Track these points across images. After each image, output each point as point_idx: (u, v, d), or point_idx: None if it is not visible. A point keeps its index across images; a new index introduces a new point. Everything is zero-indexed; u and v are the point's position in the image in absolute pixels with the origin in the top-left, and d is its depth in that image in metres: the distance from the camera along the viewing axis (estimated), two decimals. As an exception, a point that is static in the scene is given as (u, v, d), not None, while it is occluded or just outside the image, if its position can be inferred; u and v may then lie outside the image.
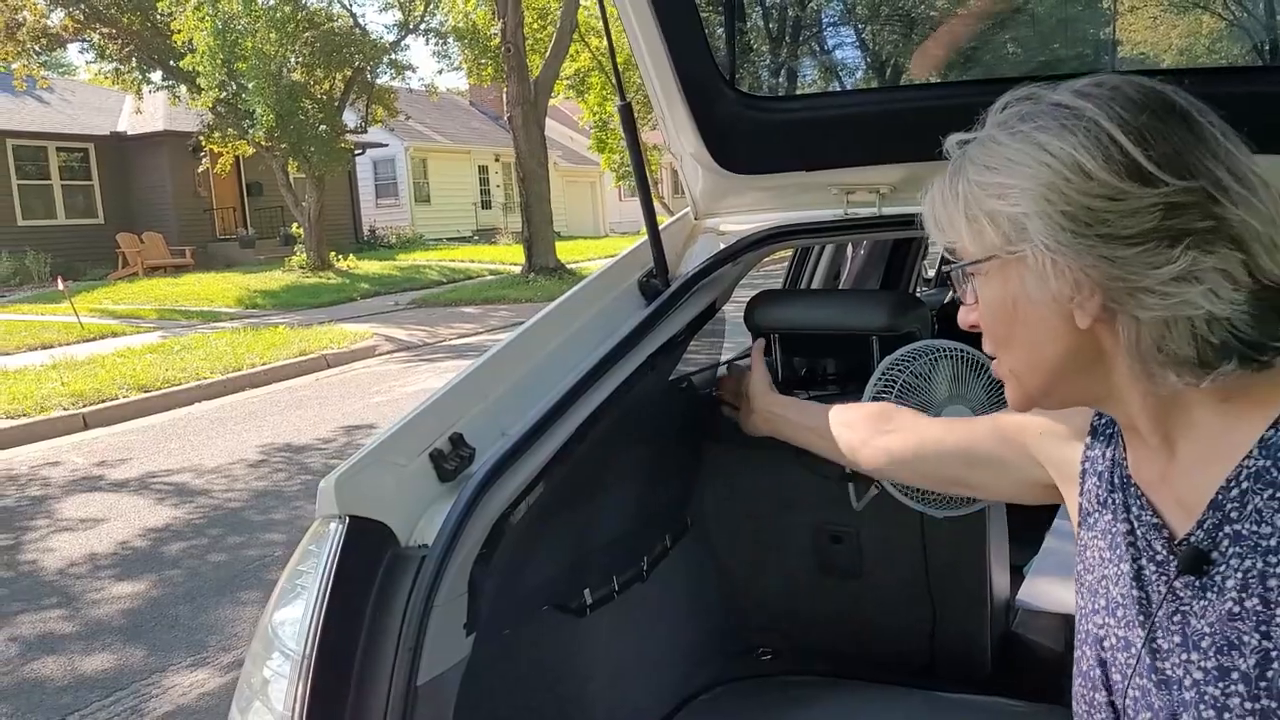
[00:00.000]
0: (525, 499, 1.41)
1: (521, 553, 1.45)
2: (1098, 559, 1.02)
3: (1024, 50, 1.91)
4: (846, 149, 1.82)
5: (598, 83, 22.59)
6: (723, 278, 1.91)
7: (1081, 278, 0.86)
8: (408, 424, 1.40)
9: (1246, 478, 0.87)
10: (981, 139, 0.93)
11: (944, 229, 0.96)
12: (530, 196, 18.48)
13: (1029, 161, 0.87)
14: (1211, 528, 0.89)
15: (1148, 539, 0.95)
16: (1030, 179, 0.87)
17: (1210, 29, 2.06)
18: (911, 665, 2.07)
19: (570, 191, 34.75)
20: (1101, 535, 1.02)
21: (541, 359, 1.64)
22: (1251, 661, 0.84)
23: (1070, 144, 0.86)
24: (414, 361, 11.60)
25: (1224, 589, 0.87)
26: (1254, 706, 0.84)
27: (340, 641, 1.25)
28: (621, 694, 1.83)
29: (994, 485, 1.35)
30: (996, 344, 0.96)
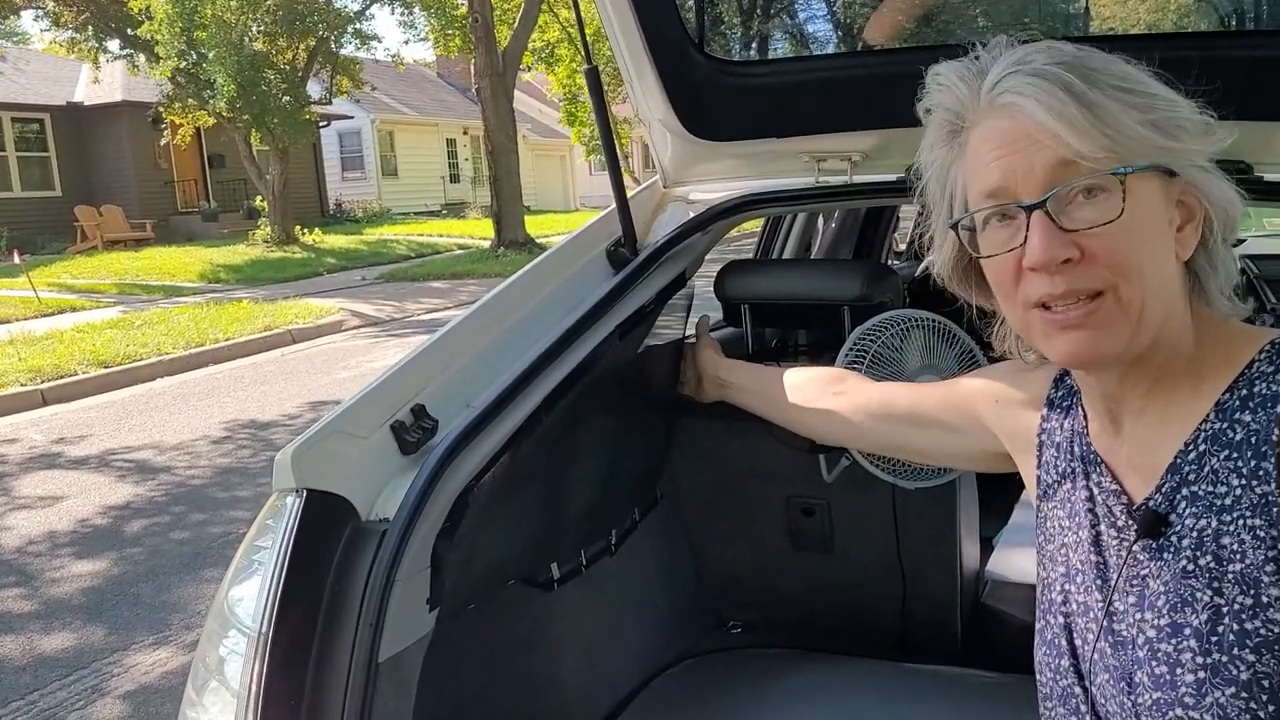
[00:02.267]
0: (490, 472, 1.38)
1: (486, 527, 1.42)
2: (1058, 528, 1.03)
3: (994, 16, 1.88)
4: (818, 115, 1.79)
5: (567, 55, 22.38)
6: (692, 247, 1.87)
7: (1186, 196, 0.90)
8: (368, 395, 1.36)
9: (1204, 440, 0.89)
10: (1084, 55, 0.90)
11: (1078, 138, 0.86)
12: (499, 170, 18.32)
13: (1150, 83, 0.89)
14: (1169, 491, 0.91)
15: (1108, 505, 0.97)
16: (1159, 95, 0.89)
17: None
18: (883, 638, 2.06)
19: (540, 165, 34.50)
20: (1061, 505, 1.03)
21: (507, 329, 1.60)
22: (1204, 617, 0.86)
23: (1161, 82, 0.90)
24: (381, 337, 11.49)
25: (1179, 549, 0.89)
26: (1205, 661, 0.86)
27: (298, 618, 1.22)
28: (592, 668, 1.81)
29: (941, 450, 1.36)
30: (1117, 269, 0.87)
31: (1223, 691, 0.84)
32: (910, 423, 1.37)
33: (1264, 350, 0.90)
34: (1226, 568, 0.86)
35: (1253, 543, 0.85)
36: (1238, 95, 1.52)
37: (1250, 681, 0.83)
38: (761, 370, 1.71)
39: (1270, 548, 0.83)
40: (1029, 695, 2.03)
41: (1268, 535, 0.84)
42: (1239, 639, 0.84)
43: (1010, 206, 0.89)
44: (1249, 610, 0.84)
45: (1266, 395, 0.87)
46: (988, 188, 0.91)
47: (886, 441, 1.47)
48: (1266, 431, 0.86)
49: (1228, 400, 0.89)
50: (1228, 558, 0.86)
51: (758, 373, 1.70)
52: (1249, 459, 0.86)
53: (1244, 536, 0.85)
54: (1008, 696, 1.95)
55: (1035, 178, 0.87)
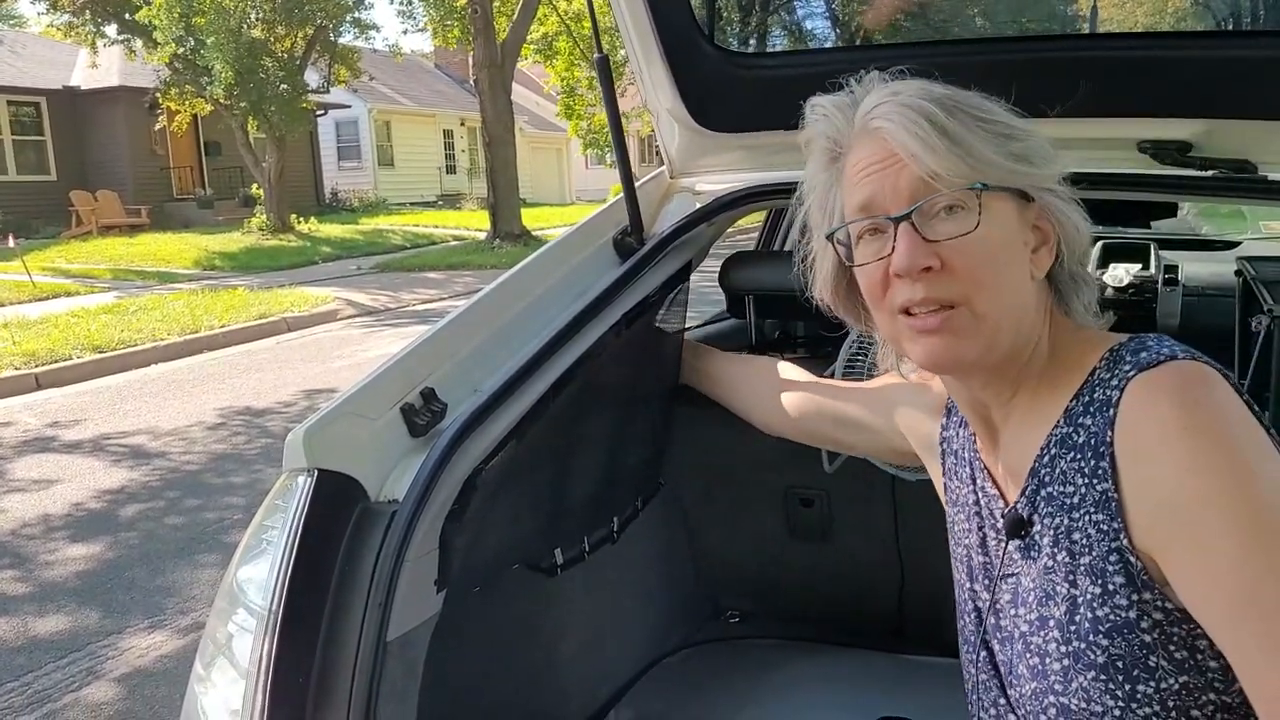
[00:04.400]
0: (498, 456, 1.39)
1: (492, 510, 1.43)
2: (961, 531, 1.11)
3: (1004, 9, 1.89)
4: (827, 108, 1.79)
5: (565, 47, 22.35)
6: (698, 237, 1.88)
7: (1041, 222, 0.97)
8: (378, 378, 1.37)
9: (1054, 444, 0.96)
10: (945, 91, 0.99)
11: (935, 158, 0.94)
12: (496, 162, 18.28)
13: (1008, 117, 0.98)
14: (1031, 493, 0.98)
15: (989, 508, 1.05)
16: (1015, 127, 0.97)
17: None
18: (880, 628, 2.08)
19: (536, 158, 34.47)
20: (961, 509, 1.11)
21: (514, 315, 1.61)
22: (1063, 609, 0.93)
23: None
24: (376, 327, 11.48)
25: (1041, 546, 0.96)
26: (1067, 649, 0.92)
27: (307, 597, 1.23)
28: (591, 655, 1.82)
29: (862, 446, 1.48)
30: (979, 283, 0.94)
31: (1085, 676, 0.91)
32: (835, 421, 1.47)
33: (1103, 357, 0.96)
34: (1079, 560, 0.92)
35: (1097, 536, 0.91)
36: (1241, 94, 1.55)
37: (1106, 664, 0.90)
38: (728, 359, 1.78)
39: (1113, 539, 0.90)
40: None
41: (1109, 528, 0.90)
42: (1093, 626, 0.90)
43: (880, 219, 0.96)
44: (1099, 598, 0.91)
45: (1102, 400, 0.93)
46: (860, 202, 0.98)
47: (814, 436, 1.56)
48: (1102, 433, 0.92)
49: (1074, 406, 0.95)
50: (1079, 551, 0.92)
51: (721, 363, 1.77)
52: (1089, 459, 0.92)
53: (1090, 531, 0.92)
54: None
55: (900, 193, 0.95)
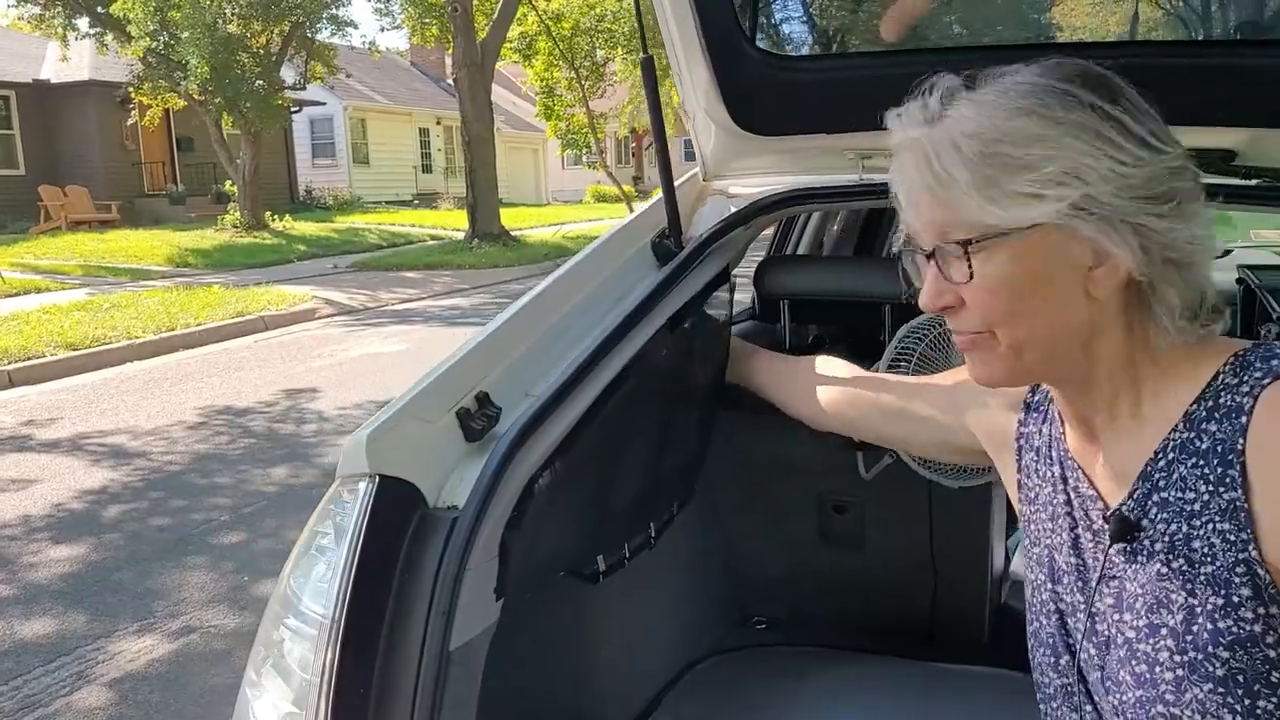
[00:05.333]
0: (555, 462, 1.37)
1: (546, 517, 1.41)
2: (1042, 531, 1.08)
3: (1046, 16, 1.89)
4: (866, 112, 1.78)
5: (544, 47, 22.30)
6: (735, 241, 1.87)
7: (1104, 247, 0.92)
8: (435, 381, 1.35)
9: (1173, 449, 0.94)
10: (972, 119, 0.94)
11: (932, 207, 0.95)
12: (475, 161, 18.21)
13: (1059, 135, 0.91)
14: (1141, 497, 0.96)
15: (1084, 509, 1.02)
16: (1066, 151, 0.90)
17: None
18: (910, 636, 2.07)
19: (512, 158, 34.36)
20: (1043, 508, 1.09)
21: (560, 319, 1.60)
22: (1179, 618, 0.91)
23: (1088, 119, 0.91)
24: (356, 326, 11.39)
25: (1153, 552, 0.94)
26: (1182, 659, 0.90)
27: (369, 605, 1.21)
28: (628, 663, 1.81)
29: (920, 441, 1.45)
30: (997, 319, 0.95)
31: (1201, 688, 0.89)
32: (894, 414, 1.44)
33: (1227, 362, 0.94)
34: (1199, 570, 0.90)
35: (1222, 546, 0.89)
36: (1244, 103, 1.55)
37: (1226, 677, 0.88)
38: (777, 356, 1.77)
39: (1240, 550, 0.88)
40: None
41: (1237, 539, 0.88)
42: (1213, 638, 0.88)
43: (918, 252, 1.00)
44: (1221, 610, 0.88)
45: (1231, 406, 0.91)
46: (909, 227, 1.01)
47: (870, 431, 1.54)
48: (1232, 441, 0.90)
49: (1195, 411, 0.93)
50: (1199, 560, 0.90)
51: (773, 359, 1.76)
52: (1215, 466, 0.91)
53: (1213, 540, 0.90)
54: (1029, 695, 1.97)
55: (927, 229, 0.97)
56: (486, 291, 14.30)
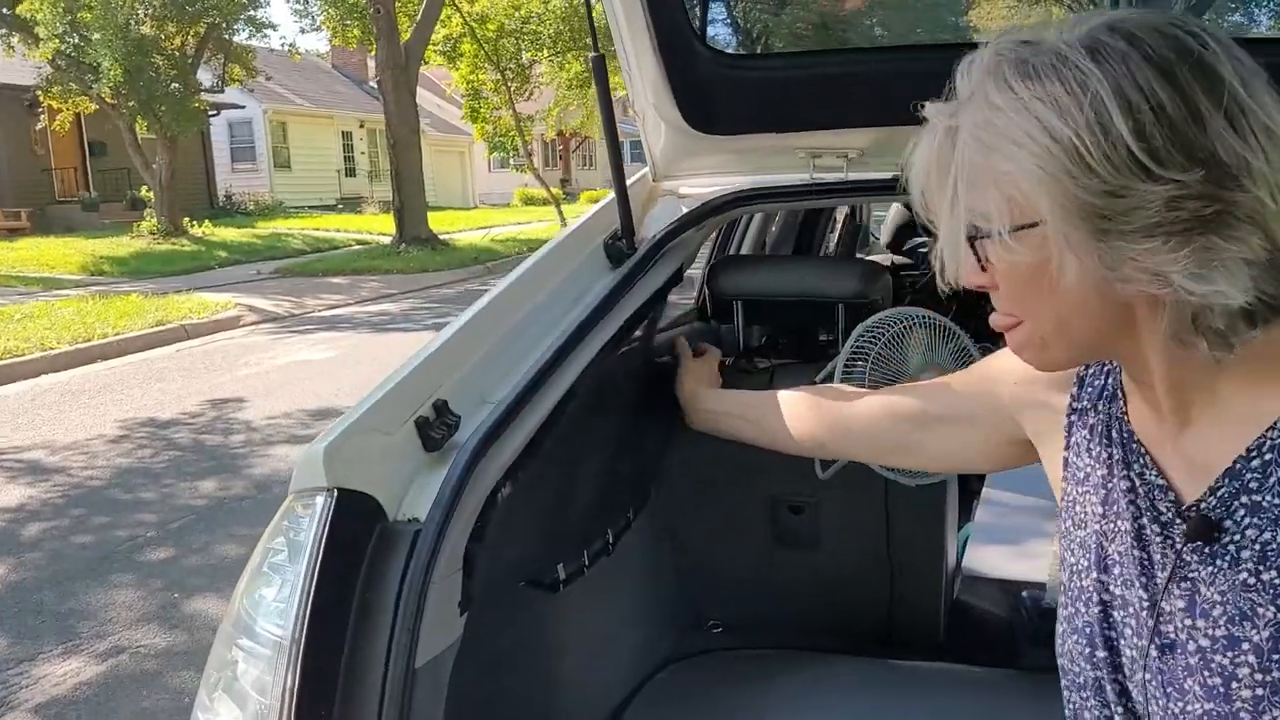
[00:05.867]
0: (517, 470, 1.34)
1: (507, 527, 1.38)
2: (1091, 514, 0.99)
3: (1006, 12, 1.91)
4: (817, 111, 1.78)
5: (469, 50, 22.12)
6: (688, 241, 1.86)
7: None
8: (392, 390, 1.31)
9: (1270, 450, 0.85)
10: (974, 100, 0.83)
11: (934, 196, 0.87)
12: (401, 164, 17.98)
13: (1028, 143, 0.79)
14: (1227, 496, 0.86)
15: (1150, 498, 0.93)
16: (1031, 165, 0.79)
17: None
18: (867, 635, 2.08)
19: (439, 161, 34.01)
20: (1094, 490, 0.99)
21: (515, 324, 1.56)
22: (1265, 634, 0.83)
23: (1073, 127, 0.78)
24: (281, 333, 11.15)
25: (1238, 559, 0.85)
26: (1264, 678, 0.83)
27: (330, 624, 1.16)
28: (589, 670, 1.77)
29: (955, 449, 1.27)
30: (1021, 310, 0.88)
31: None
32: (923, 422, 1.28)
33: None
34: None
35: None
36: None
37: None
38: (751, 395, 1.66)
39: None
40: (1008, 688, 2.09)
41: None
42: None
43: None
44: None
45: None
46: None
47: (897, 447, 1.37)
48: None
49: None
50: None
51: (745, 402, 1.66)
52: None
53: None
54: (989, 690, 1.99)
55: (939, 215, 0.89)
56: (415, 296, 14.12)
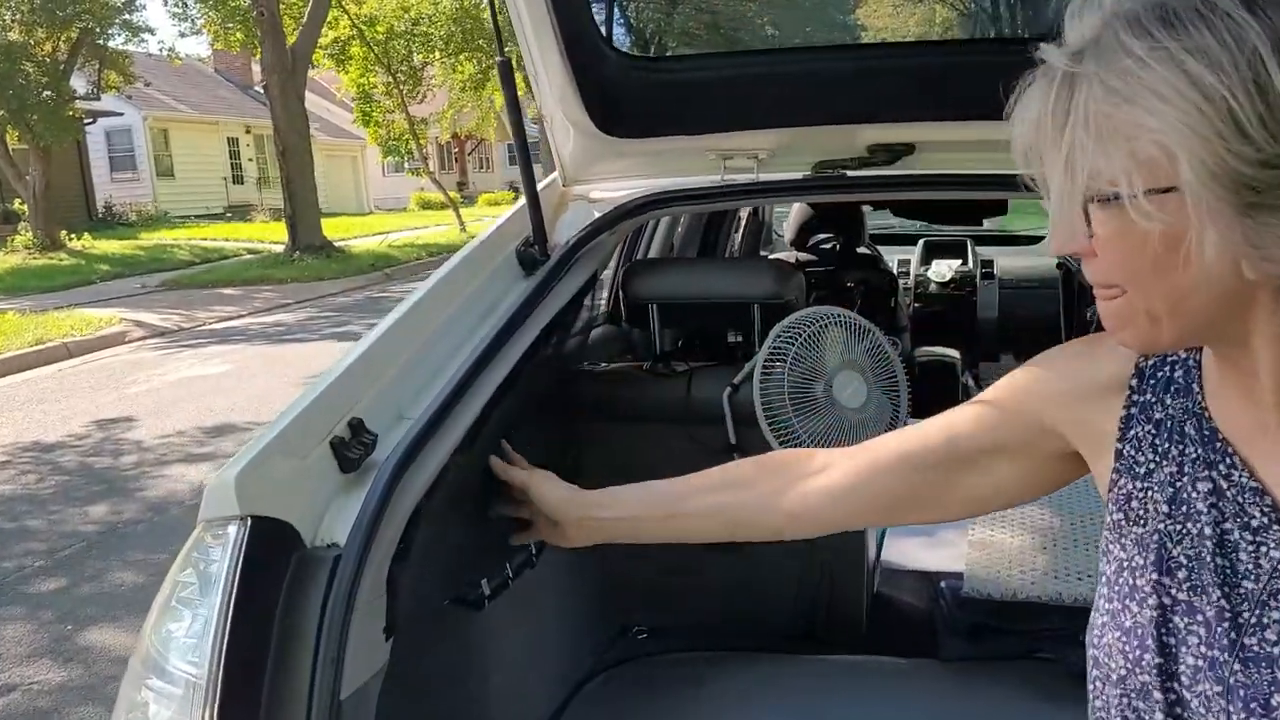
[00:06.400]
0: (439, 487, 1.30)
1: (431, 545, 1.34)
2: (1152, 513, 0.91)
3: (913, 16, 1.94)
4: (726, 113, 1.79)
5: (359, 53, 21.69)
6: (602, 246, 1.84)
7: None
8: (303, 411, 1.25)
9: None
10: (1103, 45, 0.75)
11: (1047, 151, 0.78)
12: (292, 171, 17.50)
13: (1175, 99, 0.72)
14: None
15: (1240, 503, 0.86)
16: (1178, 122, 0.72)
17: None
18: (792, 633, 2.09)
19: (331, 166, 33.25)
20: (1158, 488, 0.91)
21: (429, 336, 1.52)
22: None
23: (1226, 85, 0.70)
24: (172, 348, 10.75)
25: None
26: None
27: (248, 659, 1.10)
28: (518, 686, 1.74)
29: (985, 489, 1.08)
30: (1131, 281, 0.80)
31: None
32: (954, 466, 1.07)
33: None
34: None
35: None
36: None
37: None
38: (651, 489, 1.33)
39: None
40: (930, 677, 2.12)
41: None
42: None
43: None
44: None
45: None
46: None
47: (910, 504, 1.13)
48: None
49: None
50: None
51: (651, 494, 1.32)
52: None
53: None
54: (912, 680, 2.02)
55: (1050, 170, 0.81)
56: (312, 305, 13.77)
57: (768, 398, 1.78)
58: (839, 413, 1.78)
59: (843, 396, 1.77)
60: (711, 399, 1.92)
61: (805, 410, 1.77)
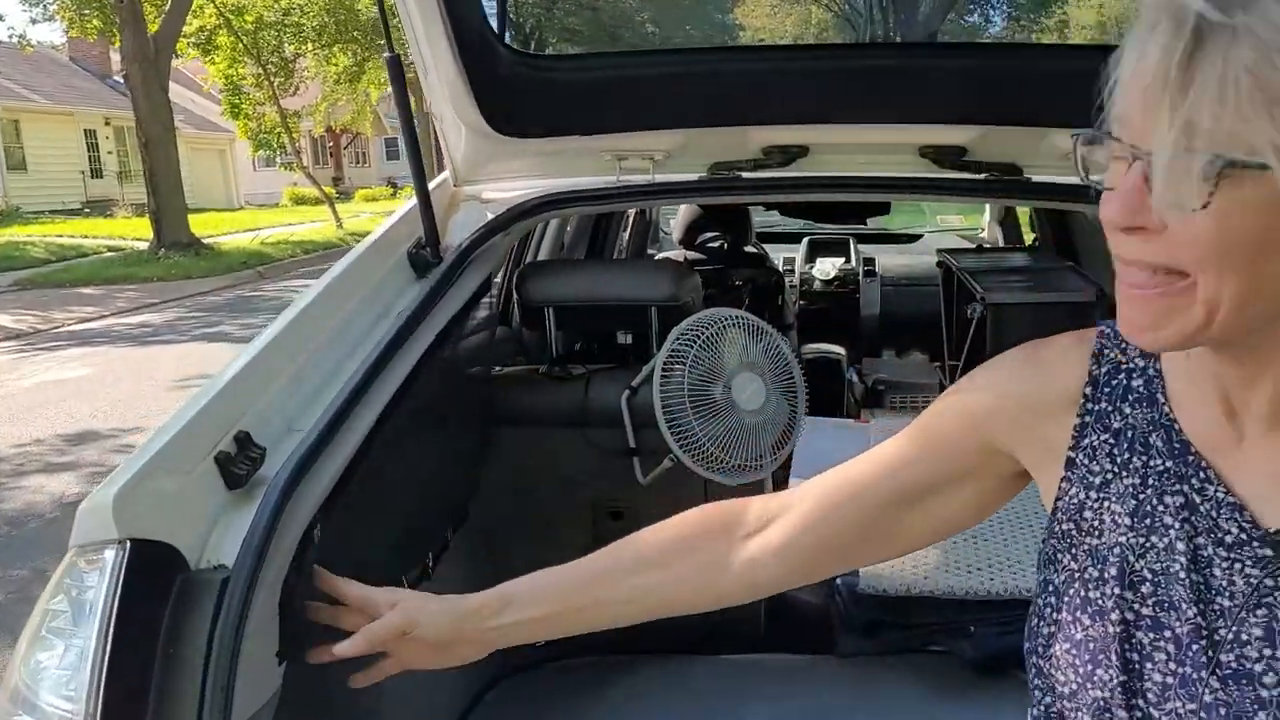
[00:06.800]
0: (333, 502, 1.25)
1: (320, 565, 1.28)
2: (1111, 524, 0.88)
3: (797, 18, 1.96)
4: (622, 113, 1.77)
5: (227, 42, 20.90)
6: (495, 248, 1.80)
7: None
8: (186, 425, 1.18)
9: None
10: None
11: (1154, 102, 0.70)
12: (156, 164, 16.75)
13: None
14: None
15: (1214, 518, 0.83)
16: None
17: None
18: (691, 633, 2.08)
19: (197, 160, 31.96)
20: (1117, 500, 0.88)
21: (318, 343, 1.46)
22: None
23: None
24: (26, 351, 10.16)
25: None
26: None
27: (128, 692, 1.04)
28: (416, 703, 1.69)
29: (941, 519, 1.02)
30: (1209, 264, 0.73)
31: None
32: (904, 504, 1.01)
33: None
34: None
35: None
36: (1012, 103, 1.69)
37: None
38: (564, 574, 1.18)
39: None
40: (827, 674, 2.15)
41: None
42: None
43: (1123, 147, 0.74)
44: None
45: None
46: (1119, 111, 0.75)
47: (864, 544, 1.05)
48: None
49: None
50: None
51: (566, 580, 1.18)
52: None
53: None
54: (810, 676, 2.04)
55: (1155, 126, 0.71)
56: (180, 305, 13.22)
57: (667, 400, 1.77)
58: (739, 415, 1.78)
59: (742, 398, 1.78)
60: (609, 402, 1.90)
61: (705, 412, 1.77)
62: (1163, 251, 0.74)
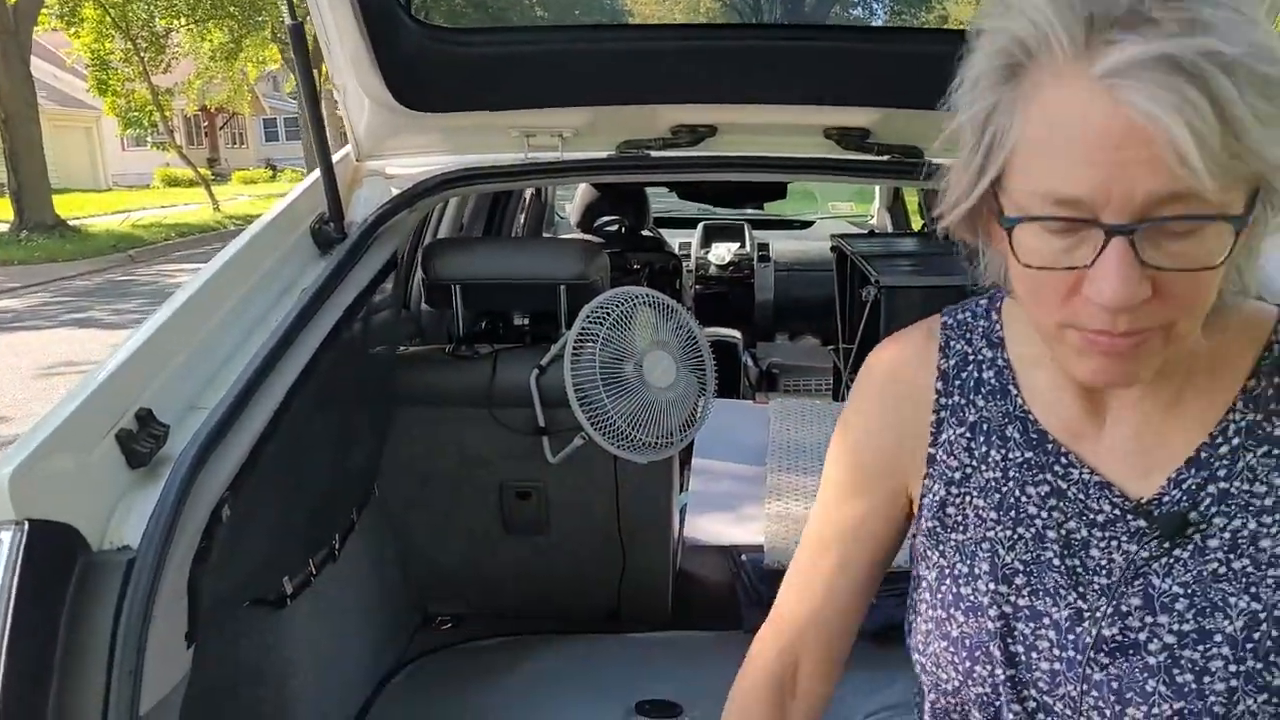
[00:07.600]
0: (241, 480, 1.21)
1: (234, 544, 1.24)
2: (975, 519, 0.89)
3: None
4: (531, 89, 1.76)
5: (93, 15, 19.89)
6: (400, 225, 1.77)
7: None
8: (84, 401, 1.13)
9: (1235, 434, 0.81)
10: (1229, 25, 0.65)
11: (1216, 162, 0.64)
12: (16, 142, 15.82)
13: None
14: (1193, 488, 0.82)
15: (1083, 500, 0.85)
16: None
17: None
18: (599, 613, 2.09)
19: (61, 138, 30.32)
20: (980, 494, 0.89)
21: (220, 319, 1.42)
22: (1239, 624, 0.79)
23: None
24: (-126, 338, 9.52)
25: (1203, 549, 0.81)
26: (1238, 669, 0.79)
27: (28, 678, 0.99)
28: (323, 684, 1.65)
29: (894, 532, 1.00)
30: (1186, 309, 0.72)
31: (1255, 699, 0.79)
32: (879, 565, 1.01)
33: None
34: (1266, 572, 0.79)
35: None
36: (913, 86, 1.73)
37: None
38: None
39: None
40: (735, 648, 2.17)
41: None
42: (1277, 645, 0.78)
43: (1086, 223, 0.69)
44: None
45: None
46: (1062, 194, 0.69)
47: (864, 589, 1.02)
48: None
49: (1259, 389, 0.81)
50: (1268, 561, 0.79)
51: None
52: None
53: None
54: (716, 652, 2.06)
55: (1133, 200, 0.67)
56: (45, 290, 12.56)
57: (579, 379, 1.77)
58: (650, 392, 1.79)
59: (653, 376, 1.79)
60: (518, 381, 1.89)
61: (617, 391, 1.77)
62: (1158, 313, 0.71)
